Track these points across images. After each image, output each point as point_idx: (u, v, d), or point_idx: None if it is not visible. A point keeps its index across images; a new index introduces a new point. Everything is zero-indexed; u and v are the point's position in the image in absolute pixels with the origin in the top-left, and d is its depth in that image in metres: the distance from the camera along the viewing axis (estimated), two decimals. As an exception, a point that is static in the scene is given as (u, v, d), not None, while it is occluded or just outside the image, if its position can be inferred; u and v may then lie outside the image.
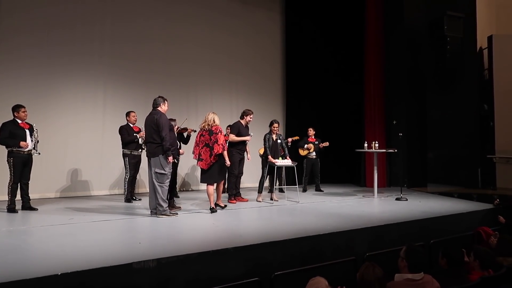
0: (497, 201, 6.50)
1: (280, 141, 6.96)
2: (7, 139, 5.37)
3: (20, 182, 5.50)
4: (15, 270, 2.90)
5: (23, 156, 5.47)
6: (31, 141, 5.54)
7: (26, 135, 5.49)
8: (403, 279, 2.67)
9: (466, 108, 9.27)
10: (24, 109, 5.56)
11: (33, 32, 6.95)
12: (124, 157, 6.56)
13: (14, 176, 5.39)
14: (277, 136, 6.95)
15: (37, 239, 4.11)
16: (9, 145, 5.39)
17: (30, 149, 5.54)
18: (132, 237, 4.26)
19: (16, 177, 5.41)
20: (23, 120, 5.55)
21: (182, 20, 8.51)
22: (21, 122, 5.53)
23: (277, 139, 6.94)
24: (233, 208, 6.10)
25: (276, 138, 6.94)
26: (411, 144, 9.02)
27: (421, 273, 2.67)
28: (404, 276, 2.68)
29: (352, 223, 4.89)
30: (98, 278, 2.97)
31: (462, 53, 9.12)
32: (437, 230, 5.23)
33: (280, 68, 9.92)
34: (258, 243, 3.85)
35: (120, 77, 7.80)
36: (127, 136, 6.52)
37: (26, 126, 5.56)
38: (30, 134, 5.54)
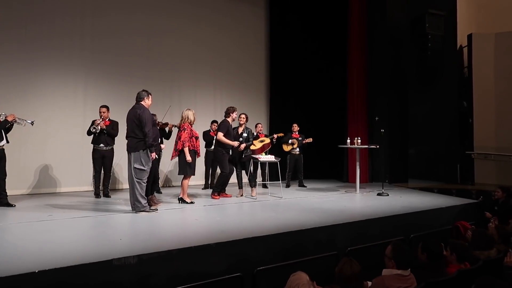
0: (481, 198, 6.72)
1: (246, 135, 6.75)
2: None
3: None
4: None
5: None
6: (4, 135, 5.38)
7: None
8: (392, 274, 2.71)
9: (446, 105, 9.45)
10: None
11: (11, 27, 6.75)
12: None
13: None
14: (244, 129, 6.79)
15: (14, 236, 4.01)
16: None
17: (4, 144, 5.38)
18: (113, 234, 4.20)
19: None
20: None
21: (165, 14, 8.40)
22: None
23: (242, 132, 6.77)
24: (216, 203, 6.07)
25: (242, 132, 6.77)
26: (392, 140, 9.14)
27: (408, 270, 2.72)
28: (393, 272, 2.72)
29: (334, 218, 4.93)
30: (78, 275, 2.91)
31: (442, 51, 9.28)
32: (417, 224, 5.33)
33: (264, 64, 9.90)
34: (241, 238, 3.85)
35: (101, 72, 7.66)
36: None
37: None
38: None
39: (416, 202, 6.50)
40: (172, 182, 8.48)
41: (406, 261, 2.74)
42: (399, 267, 2.72)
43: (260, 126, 7.98)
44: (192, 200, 6.01)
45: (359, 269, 2.54)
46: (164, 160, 7.65)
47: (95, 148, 6.48)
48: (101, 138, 6.45)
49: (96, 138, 6.46)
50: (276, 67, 9.80)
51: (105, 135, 6.44)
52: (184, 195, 5.96)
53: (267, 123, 9.70)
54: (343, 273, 2.52)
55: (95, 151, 6.49)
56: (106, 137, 6.46)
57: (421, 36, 9.22)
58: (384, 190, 7.27)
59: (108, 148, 6.51)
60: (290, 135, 8.36)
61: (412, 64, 9.72)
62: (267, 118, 9.79)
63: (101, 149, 6.46)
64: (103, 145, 6.46)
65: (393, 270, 2.74)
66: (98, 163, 6.50)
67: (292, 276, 2.52)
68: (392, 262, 2.76)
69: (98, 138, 6.45)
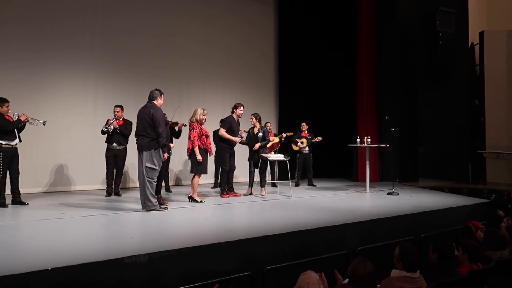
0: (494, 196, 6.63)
1: (261, 134, 6.79)
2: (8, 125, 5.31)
3: (10, 176, 5.43)
4: (5, 265, 2.87)
5: (12, 150, 5.39)
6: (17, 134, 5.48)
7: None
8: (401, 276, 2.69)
9: (457, 104, 9.35)
10: (8, 104, 5.45)
11: (22, 25, 6.83)
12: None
13: (2, 170, 5.31)
14: (259, 129, 6.84)
15: (27, 234, 4.07)
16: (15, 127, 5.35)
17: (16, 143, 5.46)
18: (123, 232, 4.24)
19: (4, 171, 5.33)
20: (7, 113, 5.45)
21: (174, 14, 8.43)
22: (7, 116, 5.44)
23: (257, 132, 6.81)
24: (225, 202, 6.09)
25: (257, 132, 6.82)
26: (402, 139, 9.07)
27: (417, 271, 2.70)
28: (402, 273, 2.70)
29: (344, 218, 4.91)
30: (89, 273, 2.95)
31: (453, 49, 9.18)
32: (428, 224, 5.28)
33: (273, 63, 9.90)
34: (250, 237, 3.85)
35: (111, 71, 7.72)
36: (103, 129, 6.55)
37: (11, 119, 5.48)
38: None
39: (427, 201, 6.45)
40: (182, 181, 8.52)
41: (413, 263, 2.71)
42: (407, 269, 2.70)
43: (269, 125, 7.98)
44: (201, 199, 6.04)
45: (372, 269, 2.52)
46: (174, 159, 7.70)
47: (108, 147, 6.57)
48: (114, 137, 6.53)
49: (110, 137, 6.55)
50: (285, 66, 9.79)
51: (118, 134, 6.52)
52: (194, 193, 5.98)
53: (276, 122, 9.70)
54: (357, 273, 2.51)
55: (108, 150, 6.57)
56: (119, 137, 6.54)
57: (431, 34, 9.12)
58: (394, 189, 7.22)
59: (121, 147, 6.58)
60: (299, 134, 8.35)
61: (422, 62, 9.62)
62: (276, 117, 9.79)
63: (114, 148, 6.54)
64: (116, 144, 6.54)
65: (402, 272, 2.72)
66: (111, 162, 6.57)
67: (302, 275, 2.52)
68: (400, 264, 2.74)
69: (111, 137, 6.54)
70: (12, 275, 2.67)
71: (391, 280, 2.69)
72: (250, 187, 6.92)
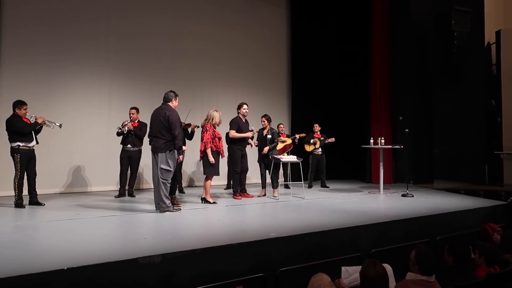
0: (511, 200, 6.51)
1: (270, 136, 6.80)
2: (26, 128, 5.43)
3: (28, 177, 5.54)
4: (22, 265, 2.92)
5: (29, 151, 5.50)
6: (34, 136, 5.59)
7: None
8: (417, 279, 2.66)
9: (473, 104, 9.18)
10: (26, 106, 5.56)
11: (38, 26, 6.95)
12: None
13: (20, 171, 5.42)
14: (268, 131, 6.84)
15: (44, 234, 4.14)
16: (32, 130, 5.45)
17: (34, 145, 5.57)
18: (138, 233, 4.28)
19: (22, 172, 5.44)
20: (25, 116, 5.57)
21: (187, 15, 8.50)
22: (25, 118, 5.55)
23: (266, 134, 6.83)
24: (238, 204, 6.10)
25: (266, 134, 6.84)
26: (417, 140, 8.96)
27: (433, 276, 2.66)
28: (418, 277, 2.67)
29: (357, 219, 4.87)
30: (104, 273, 2.98)
31: (469, 48, 9.02)
32: (443, 226, 5.20)
33: (285, 64, 9.89)
34: (263, 239, 3.85)
35: (125, 72, 7.81)
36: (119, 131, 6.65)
37: (29, 121, 5.59)
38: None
39: (442, 203, 6.36)
40: (195, 182, 8.57)
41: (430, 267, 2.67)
42: (423, 273, 2.66)
43: (282, 126, 7.98)
44: (214, 200, 6.06)
45: (383, 270, 2.49)
46: (187, 161, 7.74)
47: (123, 149, 6.66)
48: (128, 139, 6.61)
49: (124, 138, 6.64)
50: (298, 67, 9.77)
51: (133, 136, 6.59)
52: (207, 195, 6.01)
53: (288, 123, 9.69)
54: (368, 275, 2.48)
55: (123, 151, 6.67)
56: (133, 138, 6.61)
57: (446, 33, 9.00)
58: (408, 191, 7.14)
59: (135, 149, 6.66)
60: (311, 135, 8.32)
61: (437, 62, 9.49)
62: (289, 118, 9.77)
63: (129, 149, 6.63)
64: (130, 146, 6.62)
65: (417, 276, 2.68)
66: (125, 163, 6.65)
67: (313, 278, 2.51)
68: (416, 268, 2.71)
69: (126, 139, 6.62)
70: (29, 275, 2.72)
71: (406, 283, 2.66)
72: (263, 188, 6.93)
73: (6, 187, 6.17)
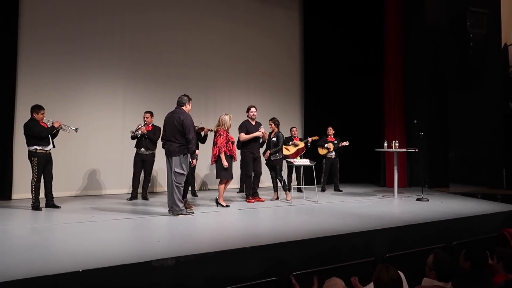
0: None
1: (274, 139, 6.79)
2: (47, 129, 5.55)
3: (44, 180, 5.65)
4: (39, 266, 2.98)
5: (46, 155, 5.61)
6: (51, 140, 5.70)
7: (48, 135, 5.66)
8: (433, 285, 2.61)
9: (490, 107, 9.02)
10: (44, 111, 5.68)
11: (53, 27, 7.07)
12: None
13: (37, 174, 5.53)
14: (275, 134, 6.83)
15: (60, 236, 4.21)
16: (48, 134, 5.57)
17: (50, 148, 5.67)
18: (151, 236, 4.31)
19: (39, 175, 5.55)
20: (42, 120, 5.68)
21: (201, 14, 8.55)
22: (42, 122, 5.67)
23: (272, 137, 6.82)
24: (251, 207, 6.10)
25: (272, 137, 6.82)
26: (432, 144, 8.84)
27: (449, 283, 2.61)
28: (434, 283, 2.62)
29: (371, 224, 4.82)
30: (118, 275, 3.01)
31: (485, 50, 8.87)
32: (460, 231, 5.10)
33: (298, 66, 9.88)
34: (276, 242, 3.84)
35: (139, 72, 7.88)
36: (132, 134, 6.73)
37: (46, 125, 5.70)
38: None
39: (458, 207, 6.25)
40: (208, 186, 8.60)
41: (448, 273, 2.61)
42: (440, 279, 2.61)
43: (294, 130, 7.96)
44: (227, 204, 6.07)
45: (397, 275, 2.45)
46: (200, 164, 7.78)
47: (137, 152, 6.74)
48: (142, 143, 6.69)
49: (138, 142, 6.73)
50: (311, 69, 9.75)
51: (146, 140, 6.66)
52: (220, 198, 6.03)
53: (301, 126, 9.66)
54: (381, 281, 2.44)
55: (137, 154, 6.75)
56: (147, 142, 6.68)
57: (462, 35, 8.86)
58: (423, 195, 7.04)
59: (148, 153, 6.73)
60: (325, 139, 8.28)
61: (452, 64, 9.36)
62: (302, 121, 9.75)
63: (142, 153, 6.70)
64: (144, 149, 6.70)
65: (434, 281, 2.63)
66: (138, 167, 6.73)
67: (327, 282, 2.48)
68: (433, 273, 2.65)
69: (140, 142, 6.71)
70: (45, 276, 2.76)
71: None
72: (276, 192, 6.91)
73: (23, 190, 6.30)
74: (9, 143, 6.55)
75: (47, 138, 5.62)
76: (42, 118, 5.67)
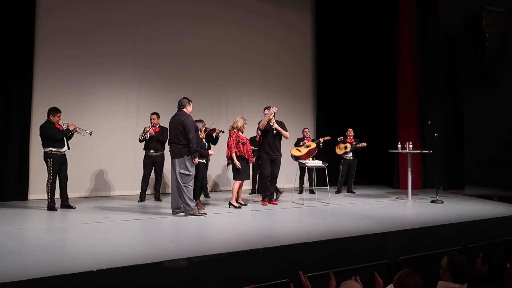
0: None
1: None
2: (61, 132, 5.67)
3: (59, 181, 5.75)
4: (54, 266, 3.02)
5: (61, 156, 5.71)
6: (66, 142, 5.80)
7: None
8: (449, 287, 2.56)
9: (507, 107, 8.84)
10: (60, 114, 5.79)
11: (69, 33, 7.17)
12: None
13: (53, 175, 5.63)
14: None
15: (74, 236, 4.27)
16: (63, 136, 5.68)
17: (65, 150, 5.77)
18: (164, 236, 4.34)
19: (54, 176, 5.65)
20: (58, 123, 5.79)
21: (213, 19, 8.57)
22: (58, 125, 5.77)
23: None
24: (263, 208, 6.09)
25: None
26: (447, 145, 8.72)
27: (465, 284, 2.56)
28: (449, 285, 2.57)
29: (385, 226, 4.77)
30: (132, 275, 3.04)
31: (502, 50, 8.72)
32: (475, 234, 5.02)
33: (310, 67, 9.84)
34: (288, 244, 3.82)
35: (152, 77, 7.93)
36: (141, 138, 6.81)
37: (61, 128, 5.80)
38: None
39: (474, 210, 6.14)
40: (219, 187, 8.62)
41: (463, 275, 2.56)
42: (456, 280, 2.56)
43: (307, 130, 7.93)
44: (239, 205, 6.08)
45: (421, 283, 2.37)
46: (212, 165, 7.82)
47: (146, 154, 6.80)
48: (151, 144, 6.74)
49: (147, 144, 6.78)
50: (323, 71, 9.70)
51: (155, 141, 6.71)
52: (233, 199, 6.05)
53: (313, 127, 9.60)
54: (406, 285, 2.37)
55: (146, 156, 6.81)
56: (156, 143, 6.73)
57: (477, 35, 8.72)
58: (438, 197, 6.94)
59: (158, 154, 6.78)
60: (344, 140, 8.21)
61: (467, 64, 9.21)
62: (314, 122, 9.70)
63: (152, 155, 6.76)
64: (153, 151, 6.75)
65: (449, 284, 2.58)
66: (148, 168, 6.79)
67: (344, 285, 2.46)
68: (448, 275, 2.60)
69: (149, 144, 6.76)
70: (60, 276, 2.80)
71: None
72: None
73: (39, 190, 6.41)
74: (26, 145, 6.67)
75: (62, 140, 5.72)
76: (58, 120, 5.78)
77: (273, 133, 6.41)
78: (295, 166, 7.57)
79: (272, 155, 6.41)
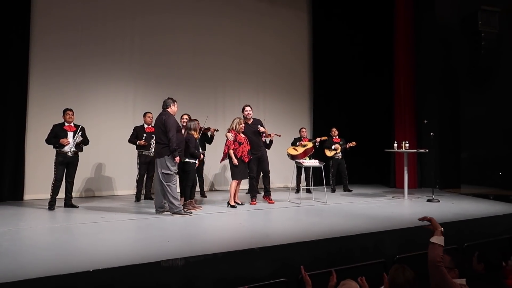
0: None
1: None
2: (52, 138, 5.71)
3: (65, 180, 5.81)
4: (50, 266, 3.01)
5: (67, 156, 5.75)
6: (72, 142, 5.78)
7: (67, 137, 5.76)
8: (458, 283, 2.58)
9: (503, 106, 8.89)
10: (68, 111, 5.85)
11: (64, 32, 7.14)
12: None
13: (56, 174, 5.71)
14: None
15: (70, 236, 4.25)
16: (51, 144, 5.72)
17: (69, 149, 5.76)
18: (160, 236, 4.32)
19: (57, 175, 5.71)
20: (69, 123, 5.83)
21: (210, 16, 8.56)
22: (66, 125, 5.81)
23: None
24: (260, 208, 6.09)
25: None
26: (443, 144, 8.75)
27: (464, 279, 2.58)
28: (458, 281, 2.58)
29: (381, 225, 4.78)
30: (128, 275, 3.03)
31: (498, 49, 8.76)
32: (471, 233, 5.03)
33: (307, 66, 9.84)
34: (285, 243, 3.83)
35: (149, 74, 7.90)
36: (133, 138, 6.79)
37: (71, 128, 5.83)
38: (72, 135, 5.80)
39: (470, 209, 6.17)
40: (215, 186, 8.61)
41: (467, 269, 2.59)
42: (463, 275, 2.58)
43: (304, 130, 7.93)
44: (234, 204, 6.08)
45: (412, 276, 2.39)
46: (209, 165, 7.79)
47: (142, 153, 6.77)
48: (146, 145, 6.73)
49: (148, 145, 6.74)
50: (320, 70, 9.70)
51: None
52: (230, 198, 6.05)
53: (310, 126, 9.60)
54: (396, 282, 2.38)
55: (141, 156, 6.78)
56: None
57: (473, 34, 8.77)
58: (434, 196, 6.96)
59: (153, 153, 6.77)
60: (331, 140, 8.19)
61: (464, 63, 9.25)
62: (310, 121, 9.70)
63: (148, 154, 6.73)
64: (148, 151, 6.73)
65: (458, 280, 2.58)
66: (143, 168, 6.77)
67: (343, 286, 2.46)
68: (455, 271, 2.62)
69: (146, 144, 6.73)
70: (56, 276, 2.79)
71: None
72: None
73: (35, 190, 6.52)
74: (21, 146, 6.64)
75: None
76: (69, 119, 5.82)
77: (253, 131, 6.37)
78: (291, 166, 7.58)
79: (258, 153, 6.36)
